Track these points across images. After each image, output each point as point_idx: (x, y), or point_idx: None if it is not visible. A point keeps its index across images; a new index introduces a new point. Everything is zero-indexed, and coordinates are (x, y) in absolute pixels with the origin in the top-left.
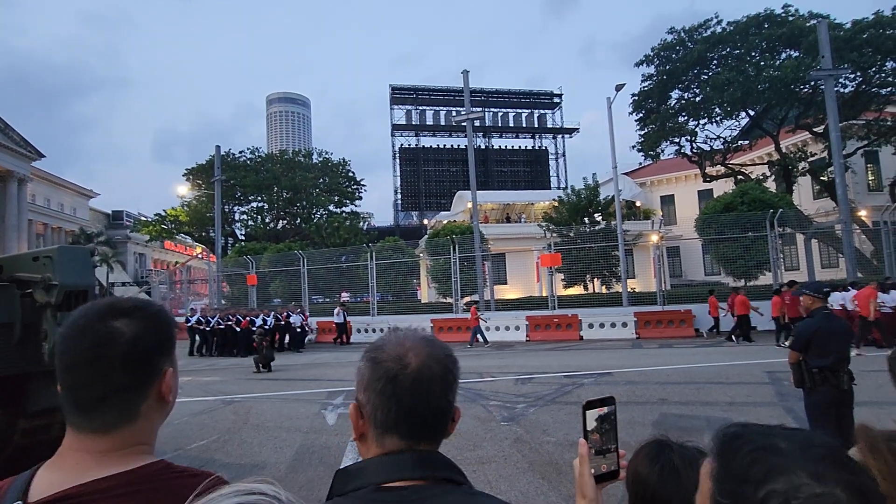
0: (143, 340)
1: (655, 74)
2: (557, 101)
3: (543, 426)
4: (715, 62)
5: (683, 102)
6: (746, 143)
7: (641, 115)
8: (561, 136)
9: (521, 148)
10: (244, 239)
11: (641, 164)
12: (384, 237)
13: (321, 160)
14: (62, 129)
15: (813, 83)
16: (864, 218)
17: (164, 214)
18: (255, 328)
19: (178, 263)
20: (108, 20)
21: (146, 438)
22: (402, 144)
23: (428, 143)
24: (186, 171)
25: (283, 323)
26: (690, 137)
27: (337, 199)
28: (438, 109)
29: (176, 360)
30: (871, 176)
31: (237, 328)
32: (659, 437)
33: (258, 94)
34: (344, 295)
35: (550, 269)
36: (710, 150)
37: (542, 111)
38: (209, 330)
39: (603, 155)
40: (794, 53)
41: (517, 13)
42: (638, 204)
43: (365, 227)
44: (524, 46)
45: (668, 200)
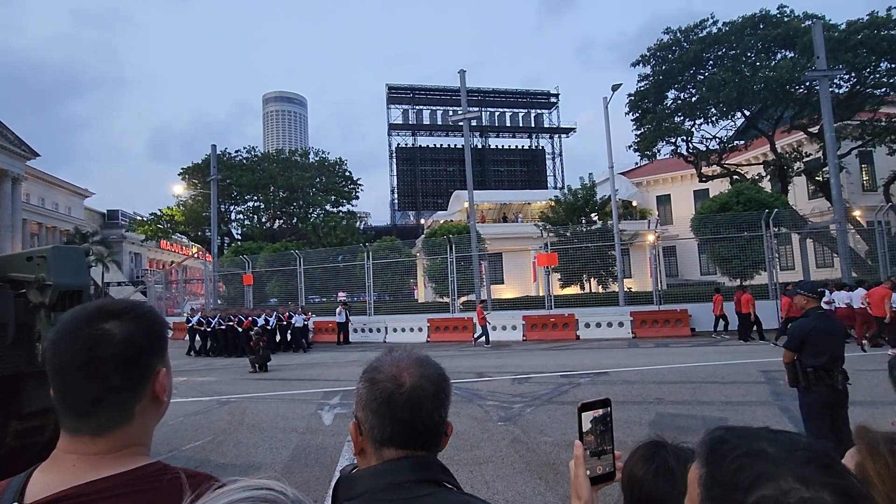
0: (134, 341)
1: (652, 74)
2: (554, 100)
3: (540, 426)
4: (711, 62)
5: (679, 102)
6: (742, 143)
7: (638, 115)
8: (558, 135)
9: (517, 147)
10: (240, 238)
11: (638, 163)
12: (381, 237)
13: (318, 160)
14: (57, 128)
15: (808, 84)
16: (858, 218)
17: (159, 214)
18: (257, 328)
19: (173, 263)
20: (103, 19)
21: (142, 439)
22: (398, 144)
23: (425, 142)
24: (182, 170)
25: (284, 323)
26: (686, 137)
27: (333, 198)
28: (435, 109)
29: (168, 359)
30: (865, 176)
31: (239, 328)
32: (654, 437)
33: (254, 93)
34: (341, 294)
35: (547, 268)
36: (705, 150)
37: (538, 111)
38: (210, 330)
39: (599, 155)
40: (789, 54)
41: (513, 13)
42: (634, 204)
43: (361, 226)
44: (520, 46)
45: (664, 200)
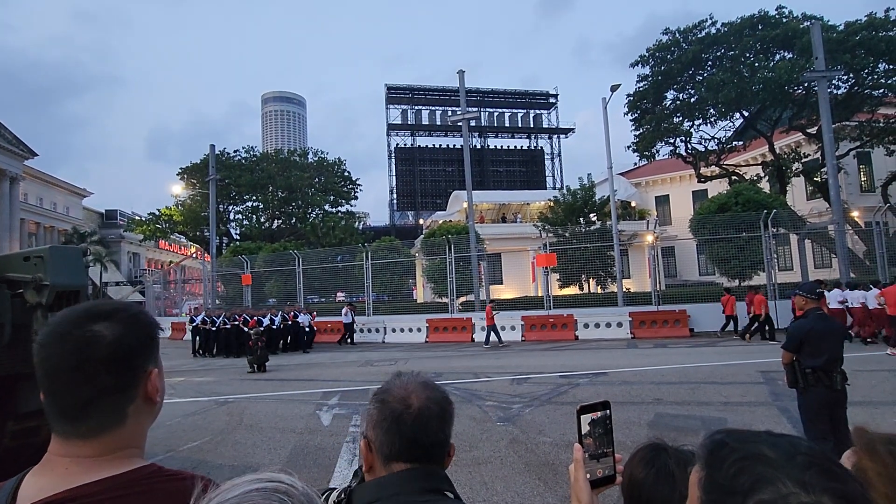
0: (125, 342)
1: (650, 75)
2: (553, 101)
3: (539, 426)
4: (709, 63)
5: (678, 103)
6: (740, 143)
7: (636, 115)
8: (556, 136)
9: (516, 148)
10: (239, 239)
11: (637, 164)
12: (380, 237)
13: (316, 160)
14: (55, 127)
15: (806, 84)
16: (856, 218)
17: (158, 214)
18: (261, 328)
19: (172, 263)
20: (100, 18)
21: (135, 441)
22: (397, 144)
23: (424, 142)
24: (181, 170)
25: (290, 323)
26: (685, 138)
27: (332, 198)
28: (434, 109)
29: (160, 360)
30: (863, 177)
31: (245, 328)
32: (654, 440)
33: (252, 93)
34: (340, 295)
35: (546, 269)
36: (704, 150)
37: (537, 111)
38: (215, 330)
39: (598, 155)
40: (787, 55)
41: (510, 13)
42: (633, 204)
43: (360, 226)
44: (517, 46)
45: (662, 201)
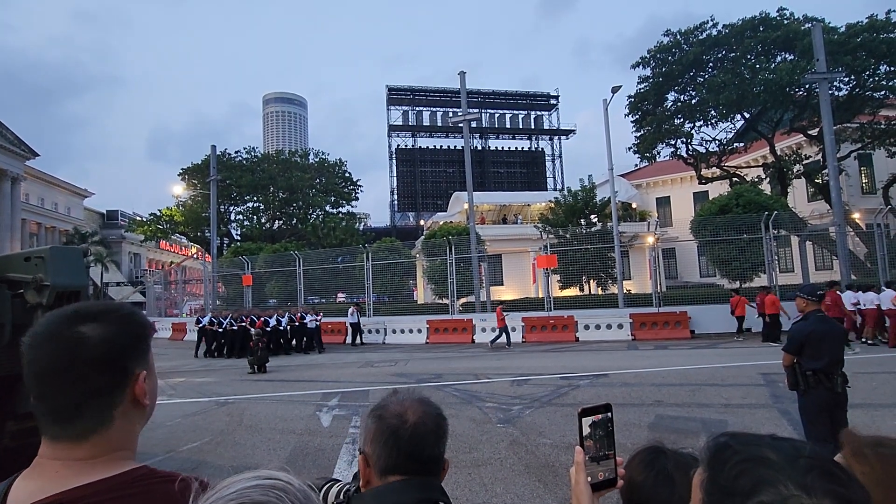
0: (113, 344)
1: (651, 76)
2: (554, 102)
3: (539, 428)
4: (710, 65)
5: (679, 104)
6: (741, 145)
7: (637, 116)
8: (557, 137)
9: (517, 149)
10: (240, 239)
11: (637, 165)
12: (380, 238)
13: (317, 160)
14: (55, 127)
15: (807, 86)
16: (857, 220)
17: (159, 214)
18: (266, 328)
19: (173, 263)
20: (100, 18)
21: (125, 444)
22: (398, 145)
23: (424, 143)
24: (182, 170)
25: (297, 324)
26: (686, 139)
27: (333, 199)
28: (435, 110)
29: (151, 362)
30: (864, 179)
31: (252, 329)
32: (654, 443)
33: (252, 93)
34: (340, 296)
35: (546, 270)
36: (705, 152)
37: (538, 112)
38: (221, 331)
39: (599, 156)
40: (788, 56)
41: (510, 14)
42: (634, 205)
43: (361, 227)
44: (518, 47)
45: (663, 202)
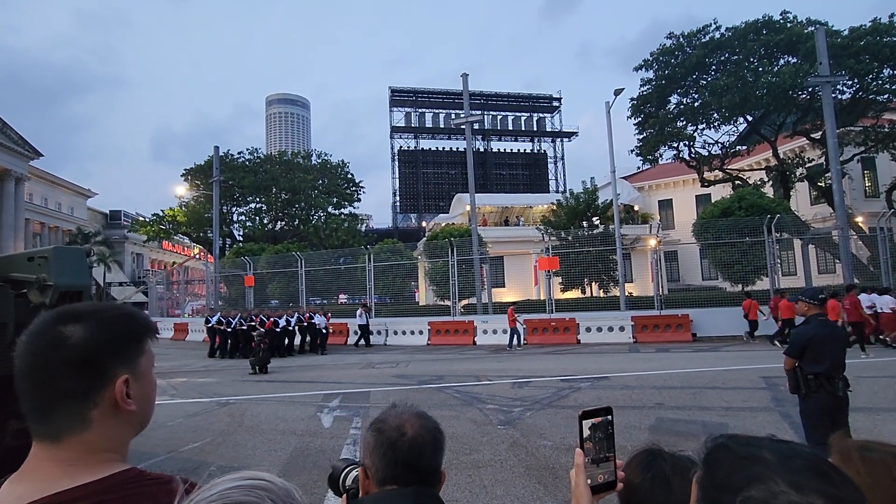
0: (89, 345)
1: (654, 79)
2: (556, 104)
3: (540, 430)
4: (713, 68)
5: (682, 107)
6: (744, 148)
7: (640, 119)
8: (560, 139)
9: (519, 151)
10: (242, 240)
11: (640, 168)
12: (382, 239)
13: (320, 162)
14: (59, 128)
15: (811, 89)
16: (860, 224)
17: (161, 215)
18: (278, 329)
19: (175, 264)
20: (103, 19)
21: (110, 446)
22: (401, 146)
23: (427, 145)
24: (185, 171)
25: (305, 324)
26: (689, 142)
27: (335, 200)
28: (437, 112)
29: (143, 366)
30: (867, 182)
31: (262, 329)
32: (651, 445)
33: (255, 94)
34: (342, 297)
35: (548, 272)
36: (708, 155)
37: (541, 115)
38: (230, 331)
39: (601, 159)
40: (792, 60)
41: (513, 16)
42: (636, 208)
43: (363, 228)
44: (520, 49)
45: (666, 205)
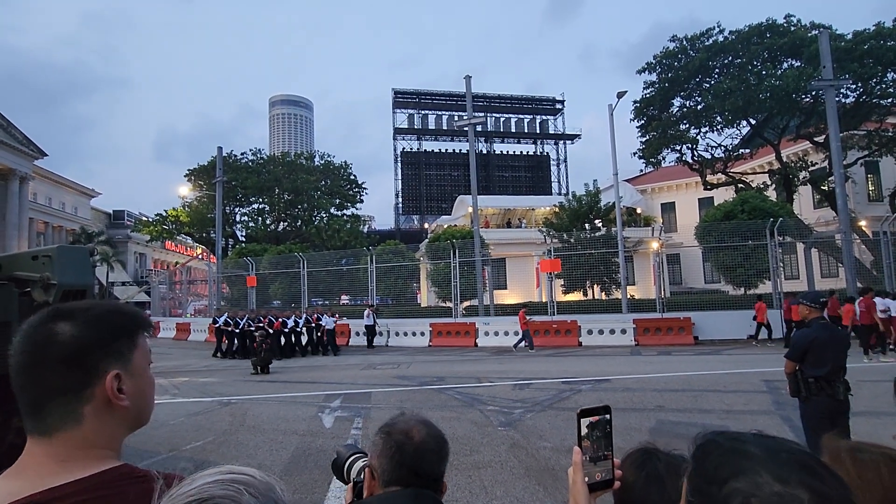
0: (78, 342)
1: (657, 82)
2: (559, 107)
3: (540, 432)
4: (717, 71)
5: (685, 110)
6: (747, 151)
7: (643, 122)
8: (562, 141)
9: (522, 153)
10: (245, 240)
11: (642, 171)
12: (385, 240)
13: (323, 163)
14: (63, 128)
15: (814, 93)
16: (864, 228)
17: (165, 215)
18: (287, 329)
19: (178, 264)
20: (107, 20)
21: (102, 442)
22: (403, 148)
23: (429, 146)
24: (188, 171)
25: (314, 325)
26: (691, 145)
27: (338, 201)
28: (440, 114)
29: (138, 363)
30: (871, 186)
31: (270, 330)
32: (645, 444)
33: (259, 95)
34: (344, 298)
35: (550, 274)
36: (710, 158)
37: (543, 117)
38: (238, 332)
39: (604, 161)
40: (795, 63)
41: (516, 19)
42: (638, 211)
43: (366, 230)
44: (523, 51)
45: (668, 208)
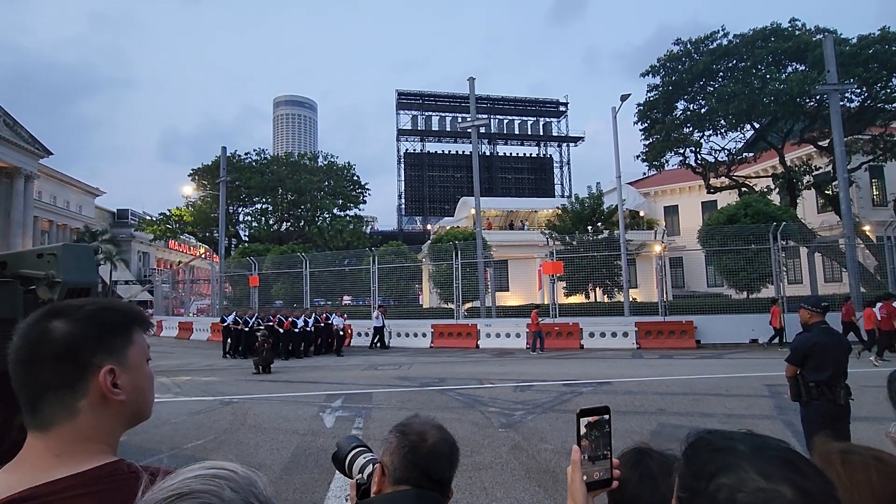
0: (71, 338)
1: (661, 85)
2: (563, 109)
3: (541, 433)
4: (721, 74)
5: (689, 113)
6: (751, 155)
7: (646, 125)
8: (566, 144)
9: (525, 155)
10: (248, 240)
11: (646, 173)
12: (387, 241)
13: (326, 163)
14: (68, 127)
15: (818, 97)
16: (867, 233)
17: (168, 214)
18: (297, 329)
19: (181, 263)
20: (113, 20)
21: (98, 437)
22: (406, 149)
23: (433, 148)
24: (192, 171)
25: (322, 325)
26: (695, 148)
27: (341, 202)
28: (444, 115)
29: (133, 358)
30: (875, 191)
31: (280, 329)
32: (639, 444)
33: (263, 96)
34: (346, 298)
35: (552, 276)
36: (714, 161)
37: (547, 119)
38: (247, 331)
39: (607, 164)
40: (800, 67)
41: (520, 21)
42: (641, 214)
43: (368, 230)
44: (526, 54)
45: (671, 211)
